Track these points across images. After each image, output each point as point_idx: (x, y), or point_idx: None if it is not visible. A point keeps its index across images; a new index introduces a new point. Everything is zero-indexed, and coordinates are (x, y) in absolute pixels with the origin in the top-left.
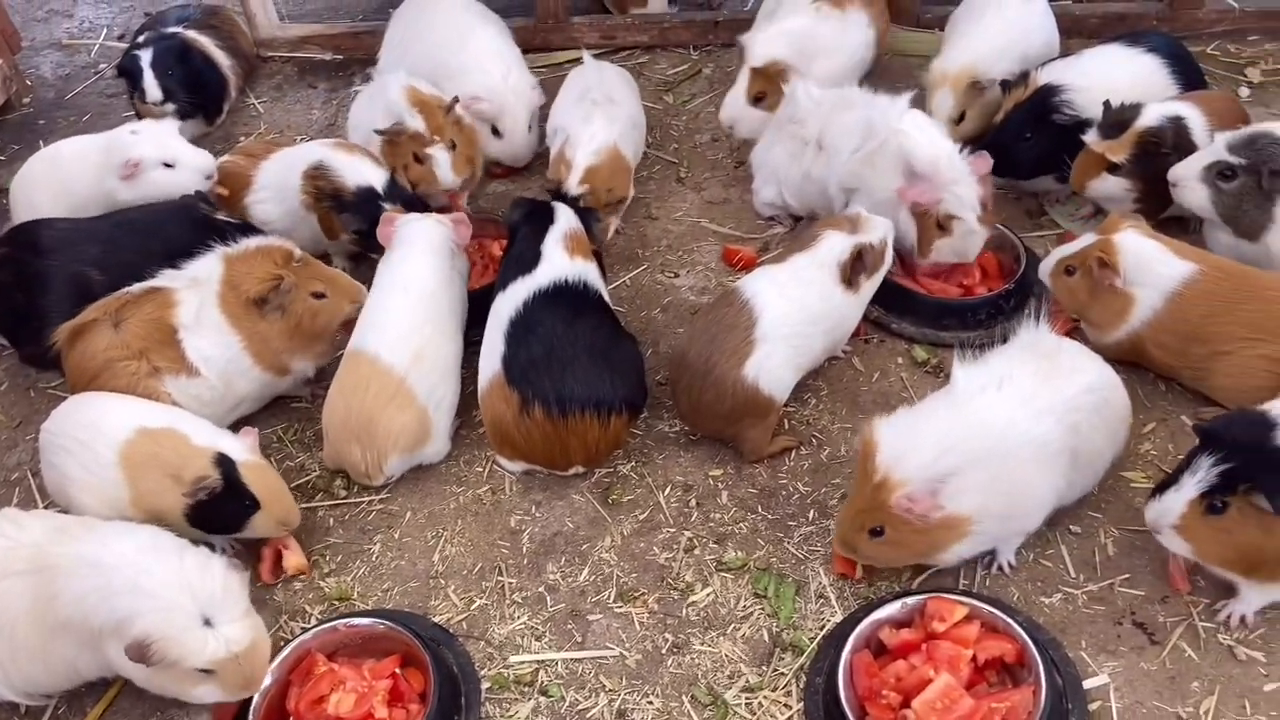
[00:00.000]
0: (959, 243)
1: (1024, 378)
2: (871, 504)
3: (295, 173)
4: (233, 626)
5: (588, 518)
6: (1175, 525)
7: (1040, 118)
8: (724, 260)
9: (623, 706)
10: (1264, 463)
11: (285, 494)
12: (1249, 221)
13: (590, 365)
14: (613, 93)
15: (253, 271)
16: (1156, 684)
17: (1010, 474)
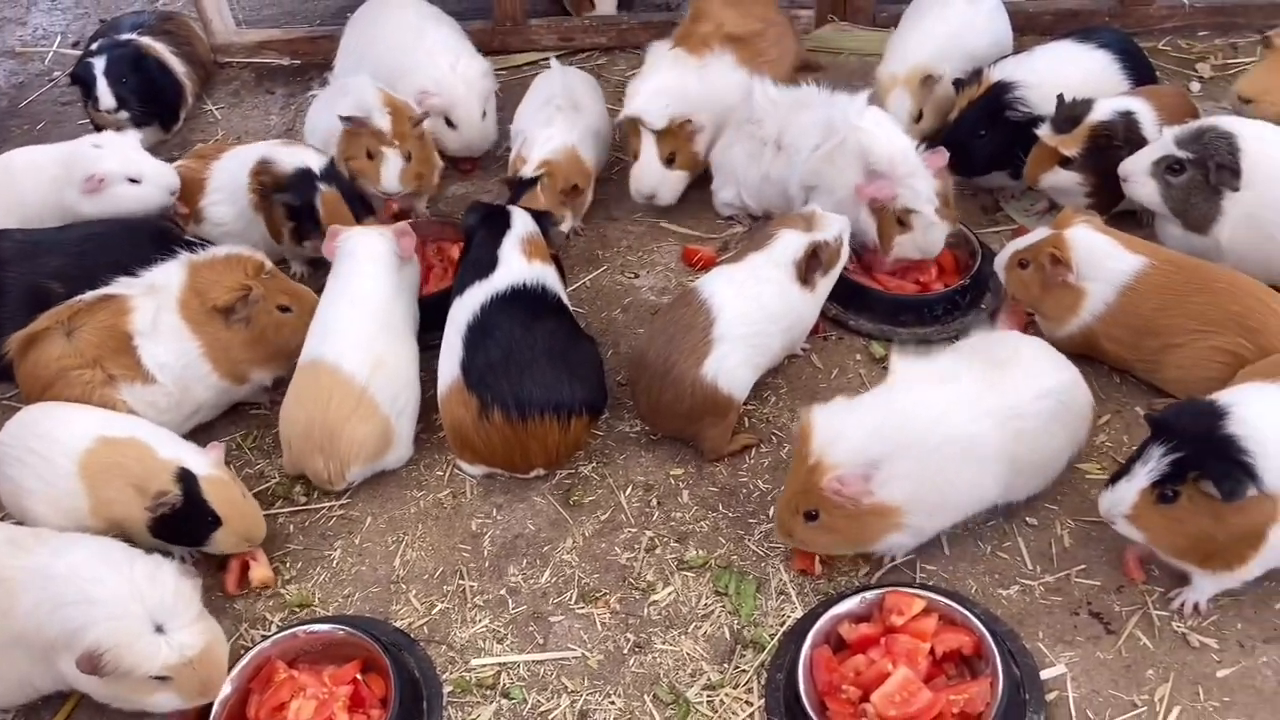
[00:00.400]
0: (920, 237)
1: (969, 379)
2: (805, 487)
3: (244, 172)
4: (185, 632)
5: (549, 519)
6: (1128, 514)
7: (993, 115)
8: (684, 260)
9: (585, 707)
10: (1212, 451)
11: (249, 510)
12: (1198, 215)
13: (549, 368)
14: (578, 100)
15: (221, 280)
16: (1113, 673)
17: (939, 467)
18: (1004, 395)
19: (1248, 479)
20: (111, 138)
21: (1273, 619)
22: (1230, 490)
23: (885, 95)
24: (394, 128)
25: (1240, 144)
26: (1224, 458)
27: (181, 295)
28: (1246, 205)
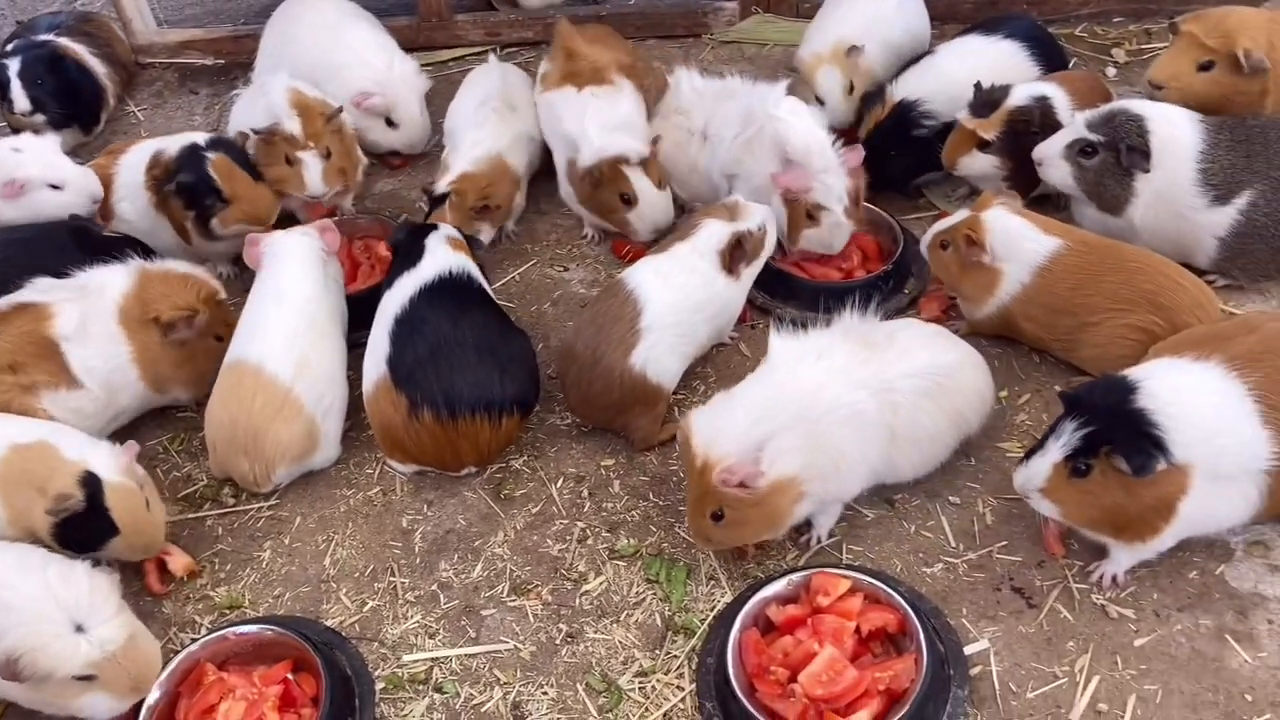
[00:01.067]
0: (825, 234)
1: (843, 355)
2: (702, 490)
3: (142, 169)
4: (105, 627)
5: (480, 514)
6: (1042, 489)
7: (901, 135)
8: (613, 253)
9: (517, 699)
10: (1122, 425)
11: (149, 522)
12: (1110, 196)
13: (479, 364)
14: (514, 100)
15: (171, 295)
16: (1034, 646)
17: (826, 434)
18: (876, 370)
19: (1157, 452)
20: (31, 141)
21: (1186, 588)
22: (1140, 464)
23: (812, 75)
24: (306, 129)
25: (1150, 126)
26: (1134, 432)
27: (124, 300)
28: (1157, 186)
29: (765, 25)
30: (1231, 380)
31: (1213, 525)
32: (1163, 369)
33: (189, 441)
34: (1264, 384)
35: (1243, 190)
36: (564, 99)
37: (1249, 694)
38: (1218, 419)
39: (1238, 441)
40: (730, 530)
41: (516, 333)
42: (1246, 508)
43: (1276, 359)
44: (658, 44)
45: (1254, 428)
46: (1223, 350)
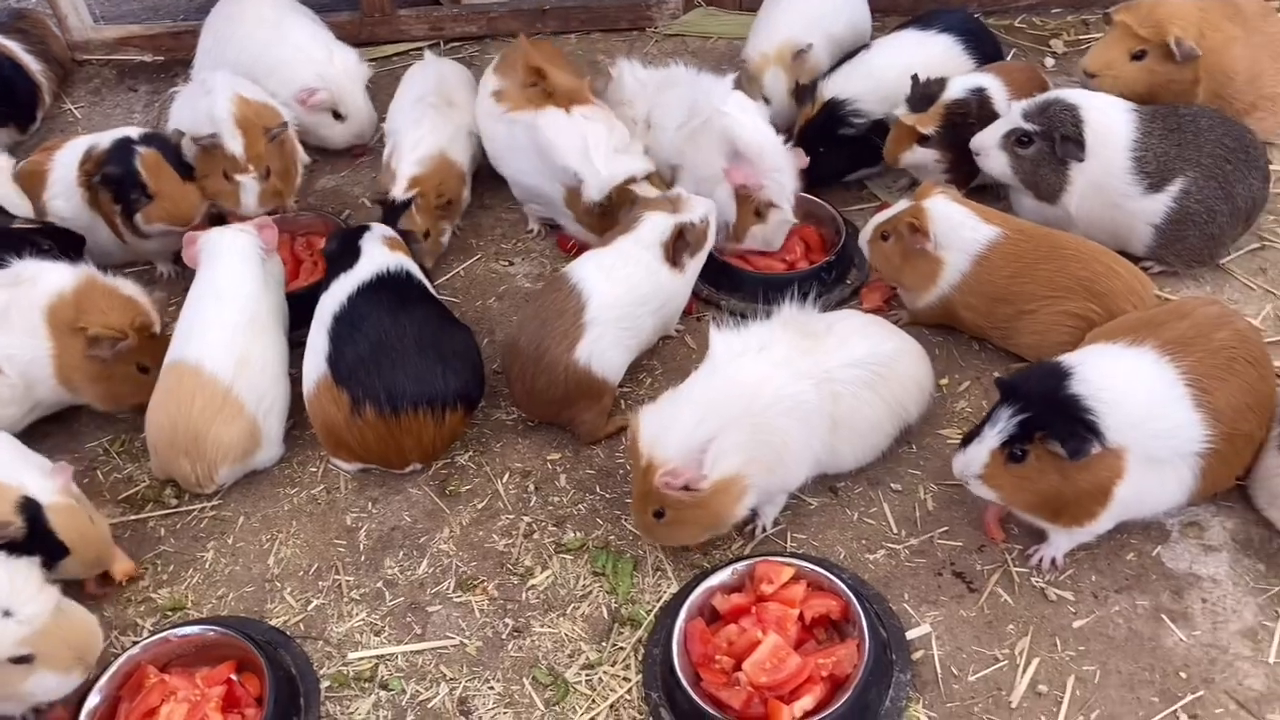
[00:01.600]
0: (771, 231)
1: (783, 346)
2: (645, 489)
3: (74, 166)
4: (29, 605)
5: (425, 510)
6: (980, 475)
7: (829, 133)
8: (559, 247)
9: (464, 694)
10: (1057, 411)
11: (97, 537)
12: (1046, 185)
13: (420, 360)
14: (452, 95)
15: (108, 312)
16: (975, 629)
17: (769, 426)
18: (816, 361)
19: (1091, 436)
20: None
21: (1124, 569)
22: (1075, 448)
23: (759, 75)
24: (248, 150)
25: (1084, 116)
26: (1068, 417)
27: (58, 300)
28: (1092, 175)
29: (709, 18)
30: (1164, 365)
31: (1149, 508)
32: (1096, 355)
33: (130, 443)
34: (1195, 368)
35: (1175, 178)
36: (550, 121)
37: (1184, 671)
38: (1150, 403)
39: (1170, 425)
40: (672, 529)
41: (459, 328)
42: (1182, 491)
43: (1208, 344)
44: (602, 38)
45: (1186, 411)
46: (1155, 336)
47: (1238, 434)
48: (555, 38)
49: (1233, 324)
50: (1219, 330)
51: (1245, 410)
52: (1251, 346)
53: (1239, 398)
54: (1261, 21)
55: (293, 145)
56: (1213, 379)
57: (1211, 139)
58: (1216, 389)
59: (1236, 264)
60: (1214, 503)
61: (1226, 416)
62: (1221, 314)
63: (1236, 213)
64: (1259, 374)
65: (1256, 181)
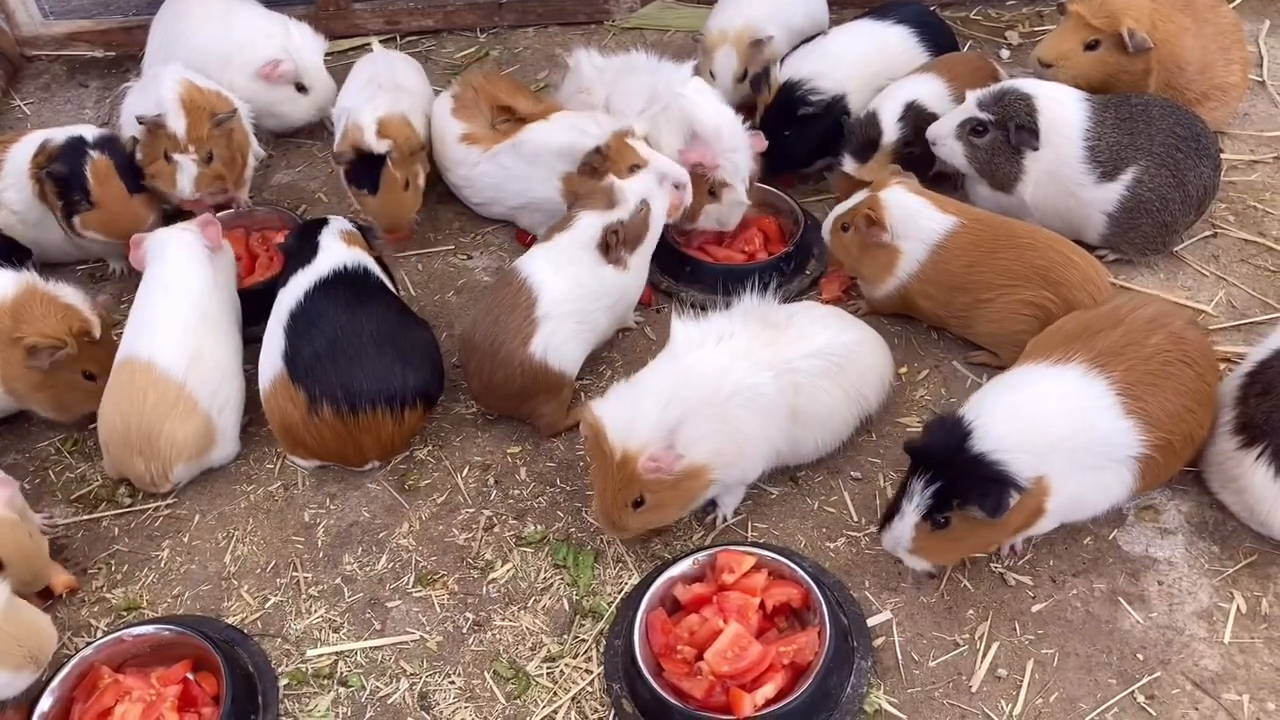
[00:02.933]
0: (725, 211)
1: (744, 337)
2: (623, 480)
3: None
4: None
5: (384, 506)
6: (911, 550)
7: (789, 114)
8: (518, 241)
9: (424, 689)
10: (965, 475)
11: (34, 555)
12: (1002, 174)
13: (378, 357)
14: (401, 80)
15: (45, 320)
16: (935, 615)
17: (731, 419)
18: (776, 352)
19: (1007, 490)
20: None
21: (1081, 553)
22: (994, 508)
23: (713, 51)
24: (190, 131)
25: (1038, 105)
26: (979, 478)
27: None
28: (1046, 164)
29: (666, 11)
30: (1090, 378)
31: (1089, 511)
32: (1001, 394)
33: (82, 441)
34: (1126, 376)
35: (1128, 167)
36: (533, 132)
37: (1140, 653)
38: (1069, 422)
39: (1097, 436)
40: (648, 515)
41: (417, 323)
42: (1122, 490)
43: (1140, 350)
44: (559, 31)
45: (1114, 419)
46: (1087, 348)
47: (1176, 435)
48: (512, 31)
49: (1168, 326)
50: (1152, 335)
51: (1184, 412)
52: (1188, 347)
53: (1176, 400)
54: (1211, 13)
55: (243, 135)
56: (1145, 385)
57: (1163, 128)
58: (1149, 395)
59: (1189, 251)
60: (1169, 487)
61: (1162, 421)
62: (1156, 316)
63: (1189, 201)
64: (1196, 373)
65: (1208, 170)
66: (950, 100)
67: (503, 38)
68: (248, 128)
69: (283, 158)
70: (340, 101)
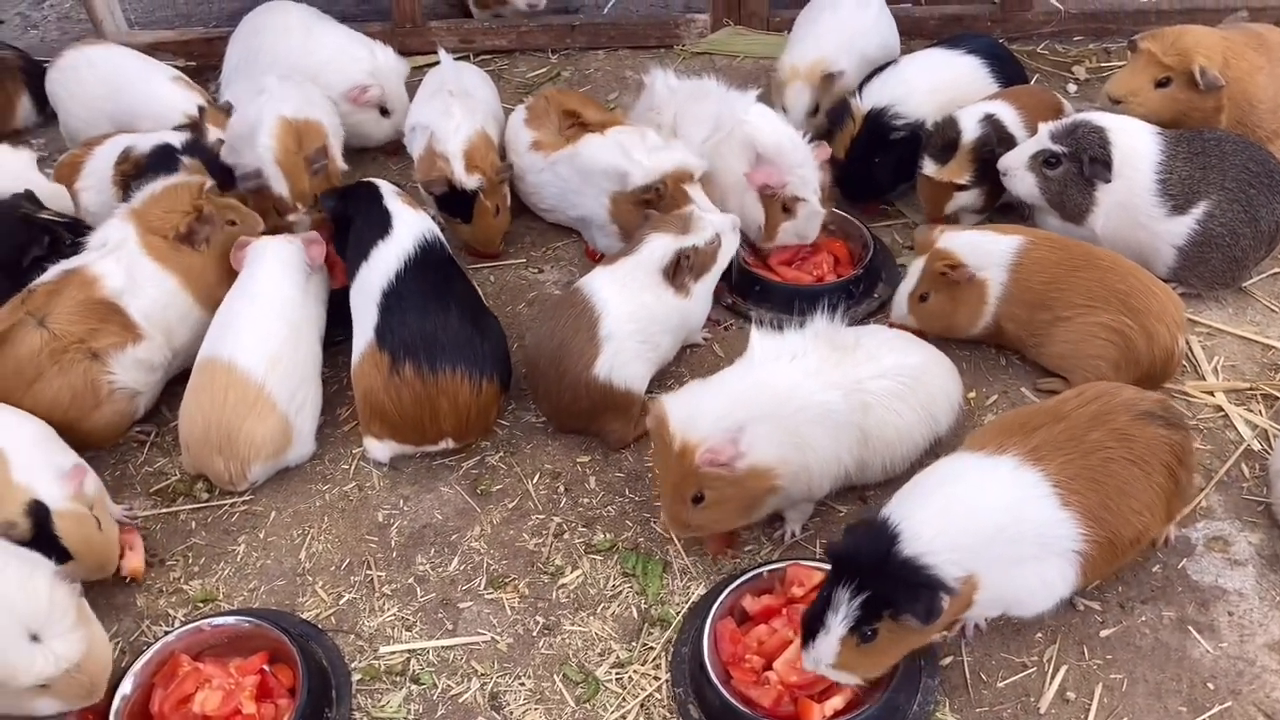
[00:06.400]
0: (802, 224)
1: (814, 357)
2: (681, 473)
3: (110, 162)
4: (61, 641)
5: (456, 509)
6: (834, 665)
7: (880, 141)
8: (588, 257)
9: (495, 689)
10: (897, 581)
11: (102, 544)
12: (1073, 206)
13: (460, 327)
14: (470, 88)
15: (173, 209)
16: (1004, 636)
17: (798, 432)
18: (846, 371)
19: (939, 592)
20: (6, 155)
21: (1149, 581)
22: (927, 612)
23: (785, 87)
24: (294, 190)
25: (1111, 138)
26: (910, 585)
27: (142, 240)
28: (1118, 196)
29: (736, 37)
30: (1025, 470)
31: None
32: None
33: (162, 437)
34: (1065, 469)
35: (1199, 201)
36: (587, 144)
37: (1210, 683)
38: (1002, 514)
39: (1030, 528)
40: (709, 513)
41: (490, 313)
42: (1064, 585)
43: (1080, 444)
44: (630, 54)
45: (1050, 510)
46: (1024, 441)
47: (1123, 535)
48: (583, 53)
49: (1110, 423)
50: (1093, 430)
51: (1129, 513)
52: (1135, 445)
53: (1119, 500)
54: None
55: (335, 165)
56: (1084, 480)
57: (1236, 163)
58: (1088, 490)
59: (1259, 287)
60: (1238, 518)
61: (1104, 519)
62: (1099, 413)
63: (1260, 236)
64: (1143, 473)
65: None
66: (1021, 127)
67: (574, 59)
68: (337, 153)
69: (357, 169)
70: (412, 115)
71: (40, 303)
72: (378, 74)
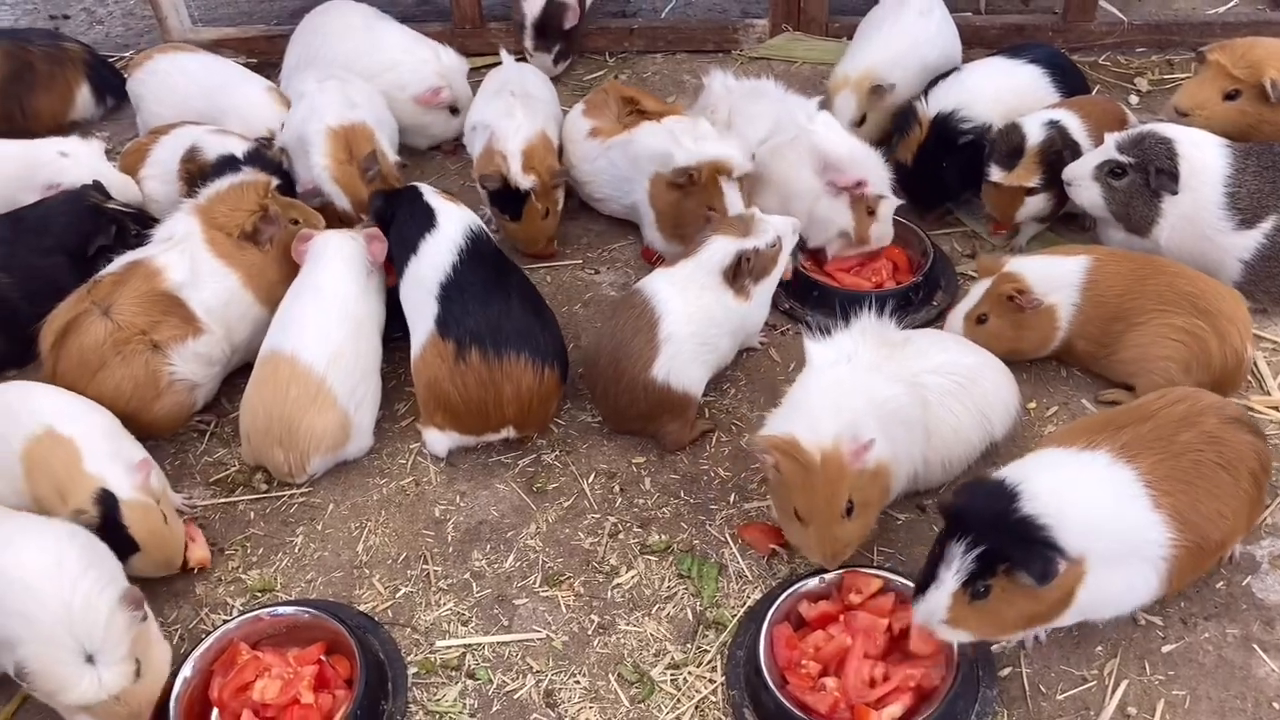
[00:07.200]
0: (885, 226)
1: (866, 355)
2: (831, 486)
3: (177, 157)
4: (111, 670)
5: (512, 506)
6: (946, 620)
7: (947, 145)
8: (643, 258)
9: (550, 686)
10: (1014, 537)
11: (169, 538)
12: (1138, 218)
13: (523, 315)
14: (530, 89)
15: (239, 207)
16: (1063, 649)
17: (885, 426)
18: (902, 365)
19: (1056, 556)
20: (77, 145)
21: (1213, 597)
22: (1044, 572)
23: (834, 94)
24: (354, 202)
25: (1179, 149)
26: (1028, 541)
27: (206, 236)
28: (1184, 208)
29: (795, 43)
30: (1119, 467)
31: (1112, 610)
32: (1039, 465)
33: (221, 427)
34: (1156, 469)
35: (1268, 215)
36: (641, 130)
37: (1277, 702)
38: (1104, 506)
39: (1128, 526)
40: (858, 522)
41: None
42: (1146, 592)
43: (1170, 445)
44: (687, 58)
45: (1142, 511)
46: (1114, 439)
47: (1209, 541)
48: (641, 57)
49: (1199, 425)
50: (1183, 432)
51: (1216, 517)
52: (1224, 449)
53: (1208, 504)
54: None
55: (389, 168)
56: (1174, 481)
57: None
58: (1178, 491)
59: None
60: None
61: (1193, 522)
62: (1189, 414)
63: None
64: (1231, 478)
65: None
66: (1086, 136)
67: (631, 62)
68: (388, 148)
69: (415, 169)
70: (472, 115)
71: (105, 292)
72: (445, 74)
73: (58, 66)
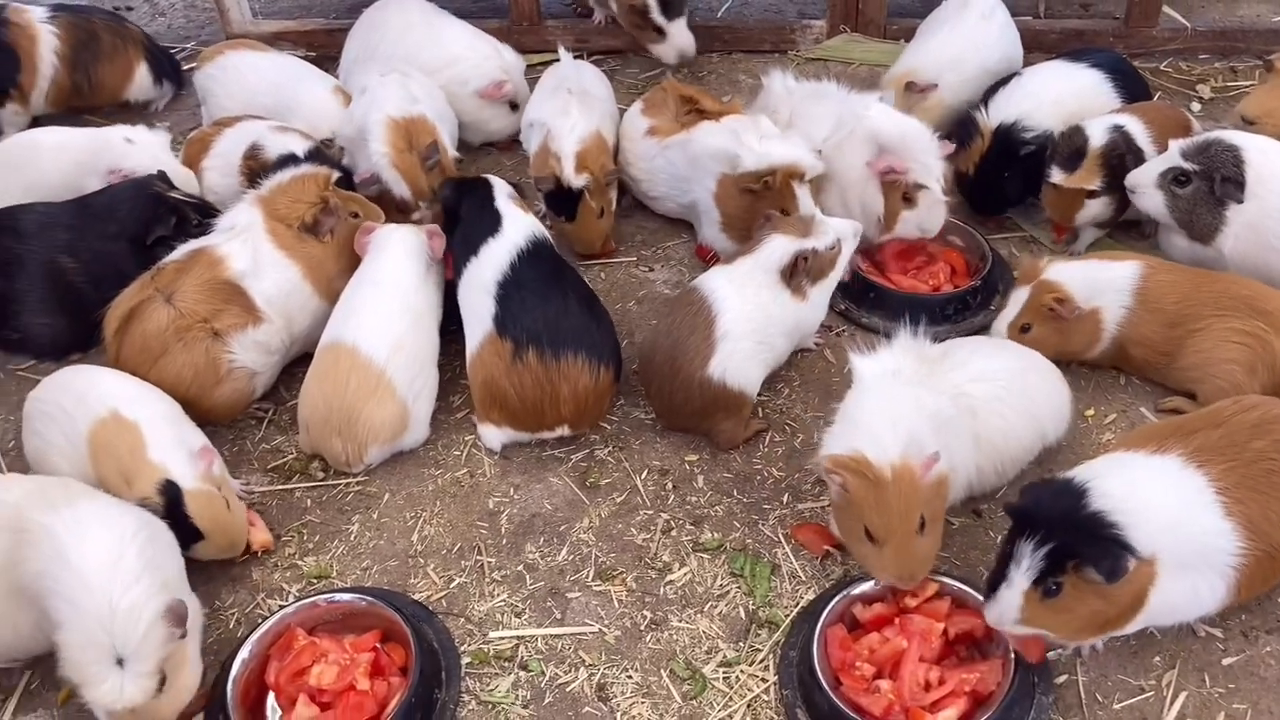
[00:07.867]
0: (924, 214)
1: (909, 369)
2: (905, 501)
3: (239, 150)
4: (136, 681)
5: (566, 500)
6: (1019, 619)
7: (1010, 155)
8: (697, 256)
9: (602, 680)
10: (1082, 534)
11: (233, 525)
12: (1202, 226)
13: (579, 315)
14: (588, 86)
15: (300, 199)
16: (1121, 658)
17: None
18: (944, 377)
19: (1126, 553)
20: (143, 134)
21: (1275, 610)
22: (1112, 569)
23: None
24: (414, 190)
25: (1245, 157)
26: (1097, 538)
27: (268, 227)
28: (1249, 217)
29: (852, 44)
30: (1190, 472)
31: (1178, 615)
32: (1110, 465)
33: (279, 415)
34: (1227, 476)
35: None
36: (702, 130)
37: None
38: (1175, 509)
39: (1198, 531)
40: (931, 537)
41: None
42: (1213, 600)
43: (1242, 452)
44: (744, 58)
45: (1213, 519)
46: (1184, 444)
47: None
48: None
49: (1273, 433)
50: (1256, 439)
51: None
52: None
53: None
54: None
55: (448, 162)
56: (1246, 489)
57: None
58: (1250, 499)
59: None
60: None
61: (1265, 531)
62: (1262, 421)
63: None
64: None
65: None
66: (1149, 142)
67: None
68: (448, 141)
69: (472, 165)
70: (529, 112)
71: (169, 279)
72: (507, 70)
73: (120, 40)
